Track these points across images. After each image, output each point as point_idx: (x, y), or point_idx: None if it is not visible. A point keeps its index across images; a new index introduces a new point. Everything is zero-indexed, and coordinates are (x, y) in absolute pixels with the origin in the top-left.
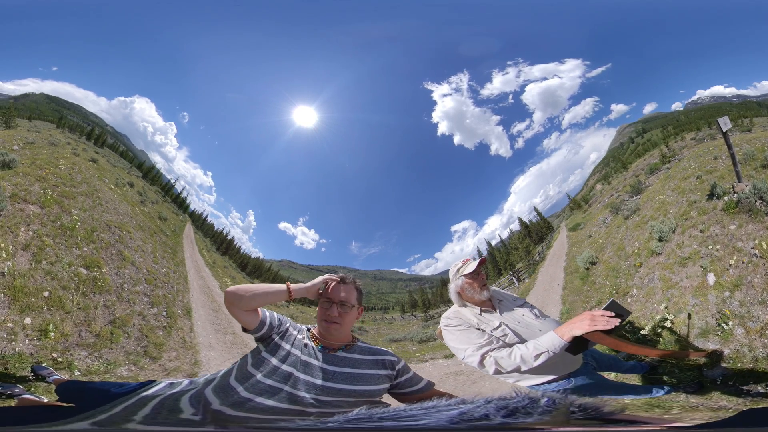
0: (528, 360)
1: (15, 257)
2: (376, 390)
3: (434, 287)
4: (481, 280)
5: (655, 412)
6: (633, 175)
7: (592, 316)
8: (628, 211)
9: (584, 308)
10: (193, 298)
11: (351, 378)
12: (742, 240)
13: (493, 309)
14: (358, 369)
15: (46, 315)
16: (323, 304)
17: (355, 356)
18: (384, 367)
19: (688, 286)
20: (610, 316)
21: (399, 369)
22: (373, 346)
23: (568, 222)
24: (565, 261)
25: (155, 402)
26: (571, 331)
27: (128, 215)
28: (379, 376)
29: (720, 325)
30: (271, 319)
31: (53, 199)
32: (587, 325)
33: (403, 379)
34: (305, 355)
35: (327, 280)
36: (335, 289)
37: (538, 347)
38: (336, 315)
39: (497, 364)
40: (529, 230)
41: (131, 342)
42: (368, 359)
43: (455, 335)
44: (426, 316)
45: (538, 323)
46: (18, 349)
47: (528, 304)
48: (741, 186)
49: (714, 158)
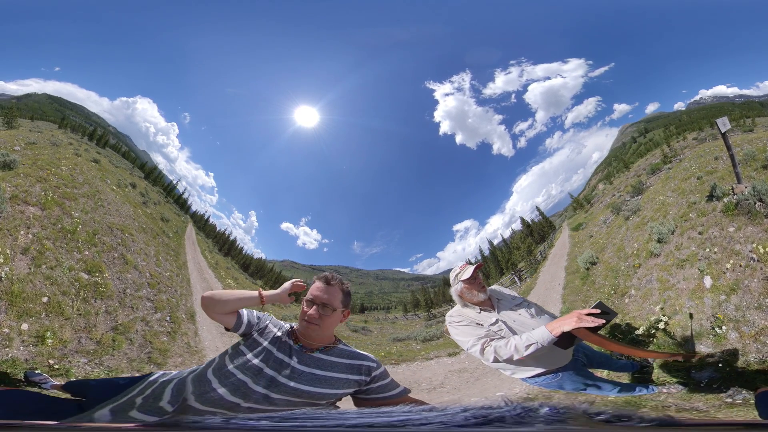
0: (520, 349)
1: (13, 261)
2: (333, 393)
3: (436, 286)
4: (478, 285)
5: (628, 409)
6: (634, 175)
7: (579, 315)
8: (629, 212)
9: (583, 308)
10: (196, 301)
11: (315, 380)
12: (740, 243)
13: (492, 308)
14: (327, 372)
15: (44, 321)
16: (306, 303)
17: (331, 359)
18: (359, 373)
19: (685, 288)
20: (596, 315)
21: (375, 375)
22: (354, 350)
23: (571, 222)
24: (566, 261)
25: (151, 390)
26: (560, 327)
27: (130, 217)
28: (347, 381)
29: (714, 328)
30: (249, 318)
31: (54, 201)
32: (574, 322)
33: (376, 385)
34: (279, 352)
35: (295, 284)
36: (318, 289)
37: (530, 339)
38: (316, 316)
39: (495, 353)
40: (531, 229)
41: (134, 348)
42: (343, 363)
43: (459, 330)
44: (429, 315)
45: (533, 321)
46: (12, 355)
47: (526, 303)
48: (740, 187)
49: (715, 159)
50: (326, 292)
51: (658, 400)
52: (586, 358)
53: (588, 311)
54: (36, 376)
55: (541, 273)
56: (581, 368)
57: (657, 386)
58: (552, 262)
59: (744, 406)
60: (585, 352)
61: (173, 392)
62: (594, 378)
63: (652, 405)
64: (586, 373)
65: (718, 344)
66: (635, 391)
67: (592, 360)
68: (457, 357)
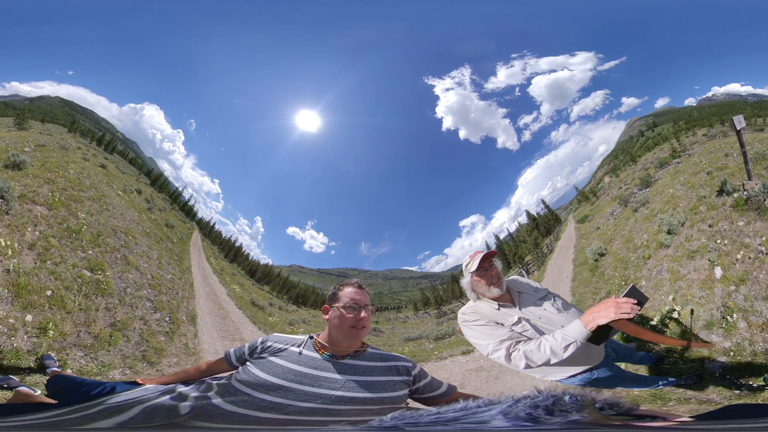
0: (558, 351)
1: (20, 255)
2: (396, 396)
3: (445, 284)
4: (490, 277)
5: (656, 404)
6: (642, 169)
7: (617, 304)
8: (637, 204)
9: (594, 299)
10: (199, 304)
11: (365, 386)
12: (750, 236)
13: (512, 303)
14: (369, 376)
15: (47, 314)
16: (348, 310)
17: (366, 363)
18: (398, 373)
19: (696, 278)
20: (633, 303)
21: (415, 374)
22: (384, 351)
23: (576, 214)
24: (573, 253)
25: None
26: (595, 320)
27: (135, 221)
28: (395, 383)
29: (724, 317)
30: (237, 354)
31: (61, 202)
32: (613, 313)
33: (422, 384)
34: (301, 366)
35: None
36: (358, 294)
37: (566, 338)
38: (368, 319)
39: (527, 359)
40: (536, 222)
41: (130, 345)
42: (380, 366)
43: (475, 331)
44: (439, 312)
45: (561, 317)
46: (16, 345)
47: (551, 296)
48: (751, 184)
49: (725, 155)
50: (364, 296)
51: (677, 392)
52: (613, 351)
53: (625, 299)
54: (49, 359)
55: (549, 265)
56: (613, 364)
57: (674, 378)
58: (559, 254)
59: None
60: (612, 346)
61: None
62: (625, 373)
63: (677, 398)
64: (617, 369)
65: (728, 333)
66: (658, 385)
67: (617, 353)
68: (471, 355)
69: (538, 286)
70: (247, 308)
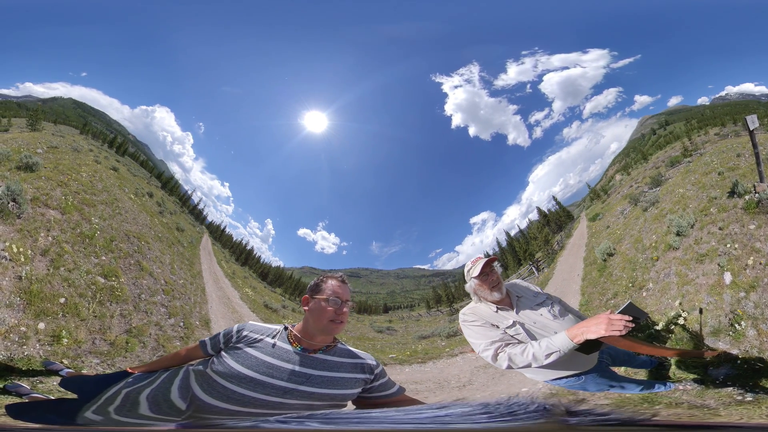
0: (539, 358)
1: (33, 262)
2: (348, 394)
3: (457, 281)
4: (491, 282)
5: (642, 407)
6: (653, 167)
7: (608, 321)
8: (647, 203)
9: (601, 300)
10: (211, 309)
11: (327, 381)
12: (761, 241)
13: (510, 307)
14: (336, 372)
15: (61, 321)
16: (330, 303)
17: (335, 359)
18: (362, 371)
19: (704, 283)
20: (627, 321)
21: (377, 373)
22: (353, 349)
23: (588, 212)
24: (584, 251)
25: (147, 391)
26: (583, 335)
27: (147, 225)
28: (355, 380)
29: (732, 325)
30: (212, 343)
31: (74, 206)
32: (603, 330)
33: (378, 384)
34: (274, 358)
35: None
36: (342, 288)
37: (550, 347)
38: (347, 315)
39: (510, 360)
40: (547, 219)
41: (147, 351)
42: (347, 362)
43: (471, 330)
44: (451, 310)
45: (556, 324)
46: (27, 352)
47: (550, 301)
48: (763, 186)
49: (737, 155)
50: (347, 291)
51: (674, 396)
52: (610, 357)
53: (619, 316)
54: (52, 365)
55: (559, 263)
56: (606, 369)
57: (674, 383)
58: (570, 252)
59: (755, 404)
60: (609, 352)
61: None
62: (618, 378)
63: (668, 402)
64: (610, 374)
65: (736, 341)
66: (654, 389)
67: (615, 359)
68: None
69: (539, 290)
70: (260, 311)
